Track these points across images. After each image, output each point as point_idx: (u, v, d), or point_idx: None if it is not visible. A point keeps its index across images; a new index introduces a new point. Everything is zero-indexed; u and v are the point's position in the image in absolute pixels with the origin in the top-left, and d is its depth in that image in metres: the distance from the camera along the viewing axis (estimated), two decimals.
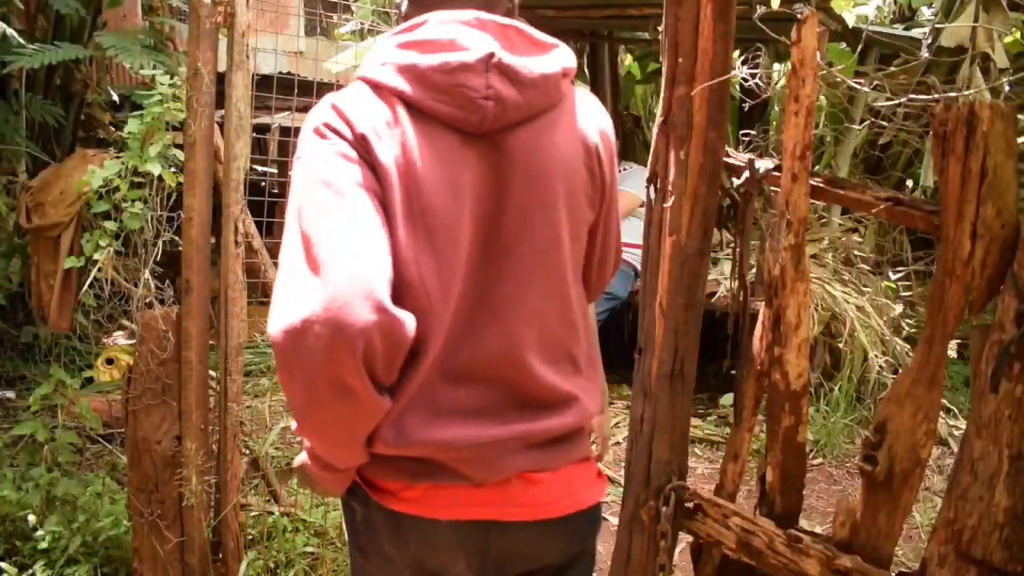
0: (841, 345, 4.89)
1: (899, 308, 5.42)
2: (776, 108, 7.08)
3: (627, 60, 8.15)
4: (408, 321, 1.18)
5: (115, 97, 5.72)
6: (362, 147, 1.24)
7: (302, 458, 1.44)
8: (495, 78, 1.27)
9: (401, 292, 1.23)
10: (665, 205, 1.84)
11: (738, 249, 1.93)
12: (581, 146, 1.38)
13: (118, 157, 2.69)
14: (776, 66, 6.72)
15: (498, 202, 1.31)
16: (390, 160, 1.24)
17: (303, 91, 5.64)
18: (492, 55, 1.26)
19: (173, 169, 2.63)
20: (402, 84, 1.27)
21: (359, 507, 1.42)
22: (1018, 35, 6.04)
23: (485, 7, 1.34)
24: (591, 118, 1.42)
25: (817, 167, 6.44)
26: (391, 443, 1.29)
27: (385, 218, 1.23)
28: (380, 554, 1.42)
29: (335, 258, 1.15)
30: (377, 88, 1.29)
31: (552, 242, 1.35)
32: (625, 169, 5.24)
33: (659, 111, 1.85)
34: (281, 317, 1.15)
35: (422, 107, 1.27)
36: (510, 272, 1.33)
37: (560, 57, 1.36)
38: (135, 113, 2.66)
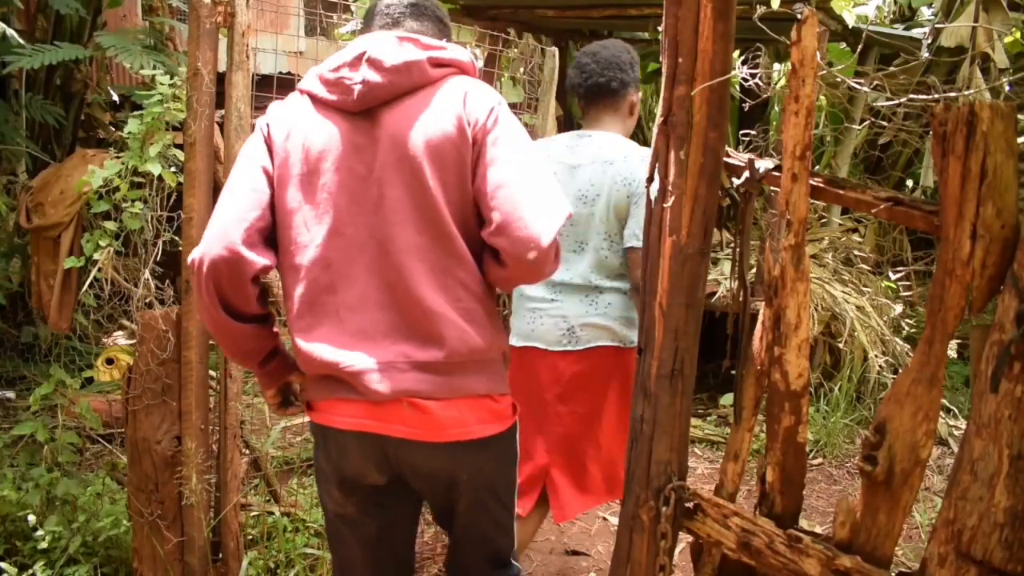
0: (841, 345, 4.89)
1: (899, 308, 5.42)
2: (776, 108, 7.08)
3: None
4: (254, 257, 1.64)
5: (115, 97, 5.72)
6: (266, 133, 1.74)
7: None
8: (365, 69, 1.67)
9: (288, 233, 1.68)
10: (665, 205, 1.84)
11: (738, 249, 1.93)
12: (453, 115, 1.66)
13: (118, 157, 2.69)
14: (776, 66, 6.72)
15: (370, 163, 1.67)
16: (282, 139, 1.71)
17: None
18: (364, 53, 1.69)
19: (173, 169, 2.63)
20: (310, 84, 1.76)
21: (311, 429, 1.80)
22: (1018, 35, 6.04)
23: (418, 34, 1.78)
24: (464, 95, 1.70)
25: (817, 167, 6.44)
26: (305, 363, 1.70)
27: (272, 181, 1.70)
28: (320, 469, 1.79)
29: (215, 213, 1.69)
30: (299, 90, 1.78)
31: (420, 189, 1.64)
32: None
33: (659, 111, 1.85)
34: None
35: (320, 98, 1.72)
36: (386, 213, 1.65)
37: (433, 52, 1.71)
38: (135, 113, 2.66)
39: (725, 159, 1.84)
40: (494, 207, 1.60)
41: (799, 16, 1.61)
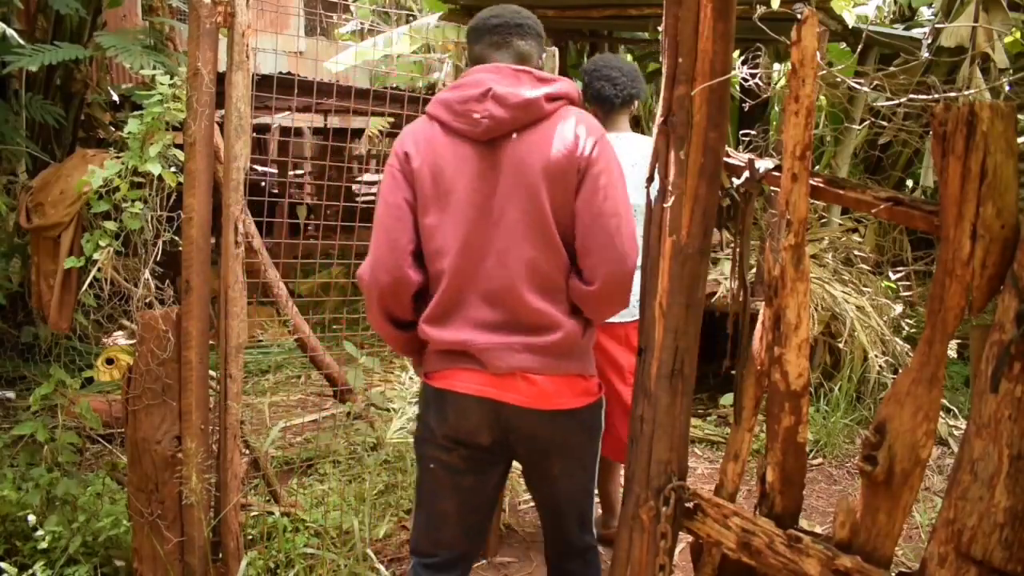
0: (841, 345, 4.89)
1: (899, 308, 5.42)
2: (776, 108, 7.08)
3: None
4: (414, 277, 2.00)
5: (115, 97, 5.72)
6: (404, 160, 2.00)
7: None
8: (490, 104, 1.92)
9: (430, 245, 1.99)
10: (665, 205, 1.84)
11: (738, 249, 1.93)
12: (564, 146, 1.92)
13: (118, 157, 2.69)
14: (776, 66, 6.72)
15: (494, 185, 1.95)
16: (422, 164, 1.98)
17: (303, 91, 5.64)
18: (489, 89, 1.93)
19: (173, 169, 2.63)
20: (438, 112, 2.00)
21: (422, 394, 2.13)
22: (1018, 35, 6.04)
23: (515, 61, 2.04)
24: (574, 127, 1.95)
25: (817, 167, 6.44)
26: (436, 340, 2.01)
27: (415, 203, 1.99)
28: (427, 428, 2.09)
29: (377, 242, 2.01)
30: (428, 116, 2.04)
31: (535, 210, 1.93)
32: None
33: (659, 111, 1.85)
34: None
35: (449, 126, 1.97)
36: (505, 230, 1.95)
37: (548, 88, 1.96)
38: (135, 113, 2.66)
39: (725, 159, 1.84)
40: (590, 233, 1.91)
41: (799, 16, 1.61)
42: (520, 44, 2.06)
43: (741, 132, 2.44)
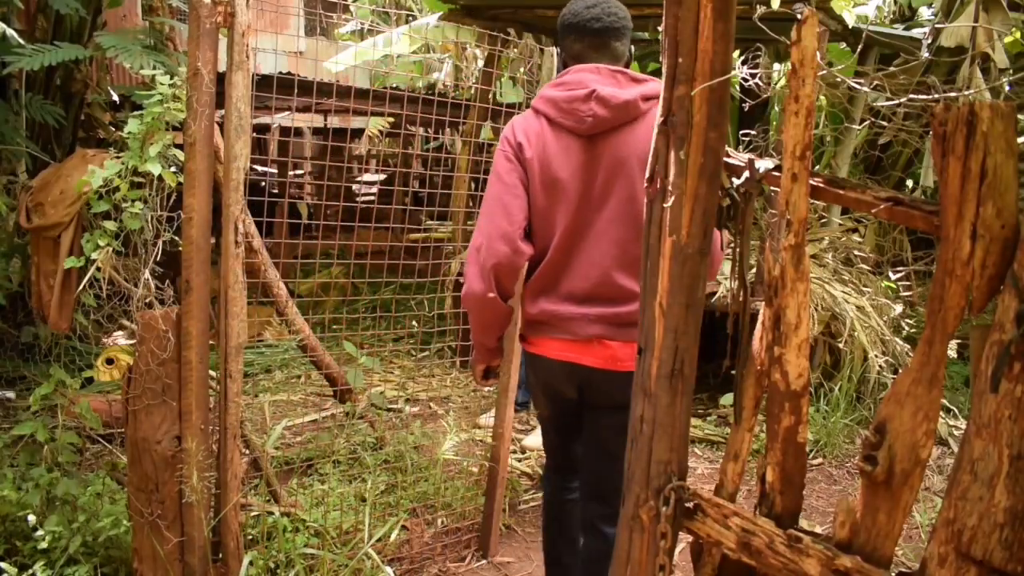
0: (841, 345, 4.89)
1: (899, 308, 5.43)
2: (776, 108, 7.08)
3: None
4: (525, 249, 2.26)
5: (115, 97, 5.72)
6: (518, 149, 2.27)
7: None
8: (594, 104, 2.19)
9: (537, 225, 2.29)
10: (665, 205, 1.84)
11: (738, 249, 1.93)
12: (648, 142, 2.07)
13: (118, 157, 2.69)
14: (776, 66, 6.72)
15: (594, 175, 2.23)
16: (533, 155, 2.26)
17: (303, 91, 5.64)
18: (593, 91, 2.19)
19: (173, 169, 2.63)
20: (546, 108, 2.27)
21: (523, 353, 2.53)
22: (1018, 35, 6.04)
23: (611, 61, 2.28)
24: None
25: (817, 167, 6.44)
26: (532, 311, 2.35)
27: (527, 188, 2.26)
28: (531, 384, 2.53)
29: (491, 217, 2.25)
30: (535, 111, 2.31)
31: (630, 199, 2.21)
32: None
33: (659, 111, 1.85)
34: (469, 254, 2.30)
35: (556, 121, 2.25)
36: (602, 216, 2.23)
37: (642, 89, 2.20)
38: (135, 113, 2.66)
39: (725, 159, 1.84)
40: None
41: (799, 16, 1.61)
42: (617, 46, 2.31)
43: (741, 132, 2.44)
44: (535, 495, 3.97)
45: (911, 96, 1.77)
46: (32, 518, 2.81)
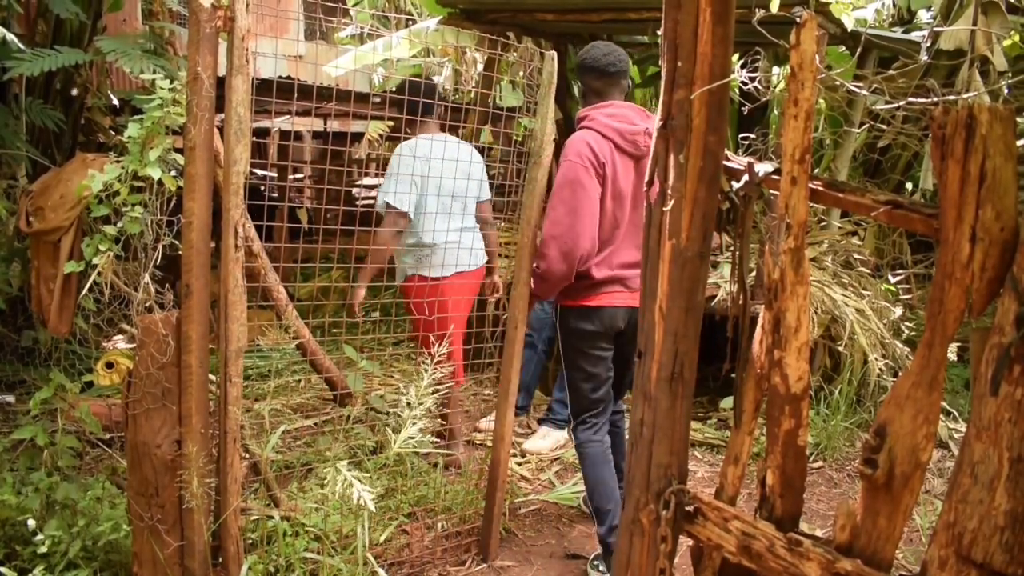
0: (841, 348, 4.89)
1: (899, 311, 5.42)
2: (775, 111, 7.08)
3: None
4: (588, 252, 3.03)
5: (115, 101, 5.73)
6: (600, 166, 3.02)
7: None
8: (644, 136, 3.03)
9: (605, 226, 3.08)
10: (665, 208, 1.84)
11: (738, 252, 1.93)
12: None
13: (118, 161, 2.69)
14: (775, 69, 6.73)
15: (639, 186, 3.09)
16: (608, 171, 3.03)
17: (303, 95, 5.64)
18: (647, 128, 3.02)
19: (173, 173, 2.63)
20: (613, 135, 3.05)
21: (574, 312, 3.20)
22: (1017, 38, 6.05)
23: (621, 93, 3.18)
24: None
25: (816, 170, 6.44)
26: (600, 276, 3.12)
27: (601, 197, 3.03)
28: (588, 334, 3.18)
29: (583, 217, 3.00)
30: (603, 136, 3.05)
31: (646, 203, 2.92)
32: None
33: (658, 115, 1.86)
34: (548, 238, 3.05)
35: (620, 146, 3.06)
36: (639, 214, 3.04)
37: (652, 121, 2.99)
38: (135, 117, 2.66)
39: (724, 162, 1.84)
40: None
41: (798, 20, 1.61)
42: (624, 83, 3.19)
43: (740, 136, 2.45)
44: (535, 498, 3.97)
45: (910, 99, 1.78)
46: (32, 522, 2.81)
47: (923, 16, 6.91)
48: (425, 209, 3.80)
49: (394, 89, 3.96)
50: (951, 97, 1.61)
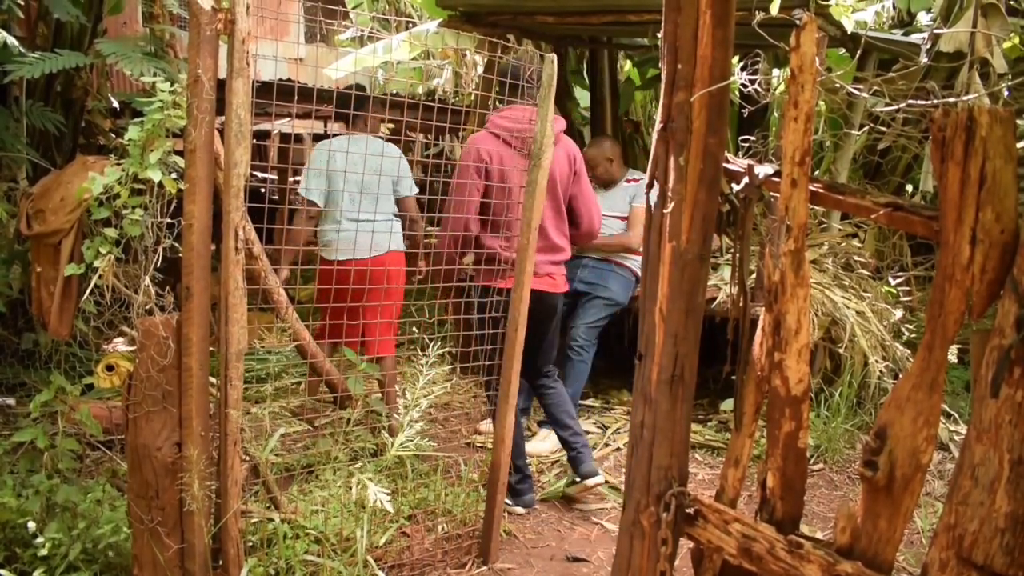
0: (841, 350, 4.89)
1: (899, 313, 5.42)
2: (775, 114, 7.09)
3: (626, 66, 8.17)
4: (467, 234, 3.58)
5: (115, 104, 5.73)
6: (482, 163, 3.49)
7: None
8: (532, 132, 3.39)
9: (496, 209, 3.50)
10: (665, 211, 1.84)
11: (738, 254, 1.93)
12: (566, 157, 3.70)
13: (119, 164, 2.69)
14: (775, 71, 6.73)
15: (553, 180, 3.60)
16: (493, 164, 3.50)
17: (303, 98, 5.64)
18: (533, 123, 3.27)
19: (173, 176, 2.63)
20: (502, 133, 3.55)
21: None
22: (1016, 40, 6.05)
23: (534, 106, 3.35)
24: (569, 146, 3.76)
25: (816, 172, 6.44)
26: (505, 255, 3.57)
27: (485, 184, 3.52)
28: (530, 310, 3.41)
29: (456, 213, 3.55)
30: (493, 135, 3.57)
31: (555, 195, 3.68)
32: (640, 179, 5.25)
33: (658, 117, 1.86)
34: (444, 224, 3.68)
35: (507, 141, 3.54)
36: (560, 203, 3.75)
37: (558, 124, 3.45)
38: (136, 120, 2.66)
39: (724, 165, 1.84)
40: (578, 210, 3.86)
41: (798, 22, 1.61)
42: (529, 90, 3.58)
43: (740, 138, 2.45)
44: (535, 498, 3.97)
45: (910, 101, 1.78)
46: (32, 525, 2.81)
47: (923, 18, 6.91)
48: (335, 200, 4.22)
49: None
50: (951, 99, 1.62)
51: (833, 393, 4.94)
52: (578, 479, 3.89)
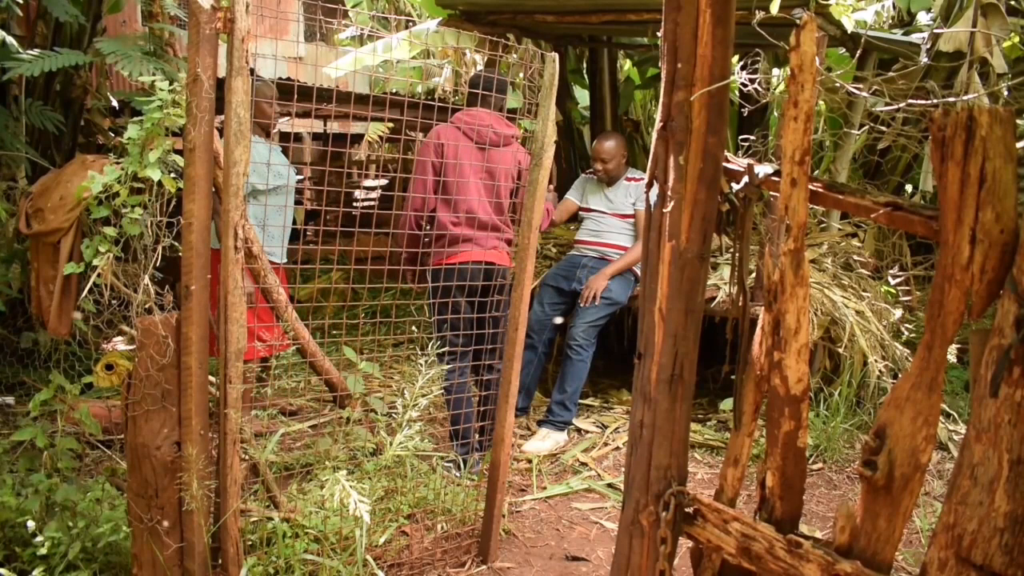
0: (841, 350, 4.89)
1: (898, 313, 5.42)
2: (775, 113, 7.09)
3: (626, 65, 8.17)
4: (420, 207, 4.01)
5: (115, 103, 5.73)
6: (439, 145, 3.94)
7: None
8: (489, 131, 3.98)
9: (448, 187, 3.97)
10: (665, 210, 1.84)
11: (737, 254, 1.93)
12: (512, 158, 4.10)
13: (118, 163, 2.69)
14: (775, 71, 6.73)
15: (483, 169, 4.01)
16: (447, 149, 3.92)
17: (303, 96, 5.64)
18: (491, 125, 3.99)
19: (173, 175, 2.63)
20: (461, 125, 4.00)
21: (438, 275, 4.05)
22: (1016, 40, 6.05)
23: (497, 110, 4.07)
24: (519, 152, 4.15)
25: (816, 172, 6.44)
26: (454, 231, 3.99)
27: (444, 165, 3.93)
28: (447, 288, 3.97)
29: (413, 191, 4.04)
30: (453, 125, 4.01)
31: (498, 187, 4.08)
32: (641, 179, 5.25)
33: (658, 116, 1.86)
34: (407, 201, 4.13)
35: (465, 132, 4.00)
36: (489, 191, 4.05)
37: (511, 130, 4.10)
38: (135, 119, 2.66)
39: (724, 164, 1.84)
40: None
41: (798, 21, 1.61)
42: (492, 100, 4.01)
43: (740, 137, 2.45)
44: (535, 498, 3.97)
45: (910, 101, 1.78)
46: (31, 524, 2.80)
47: (923, 18, 6.91)
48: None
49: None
50: (951, 99, 1.61)
51: (832, 393, 4.94)
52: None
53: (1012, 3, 5.96)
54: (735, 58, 5.11)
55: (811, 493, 4.23)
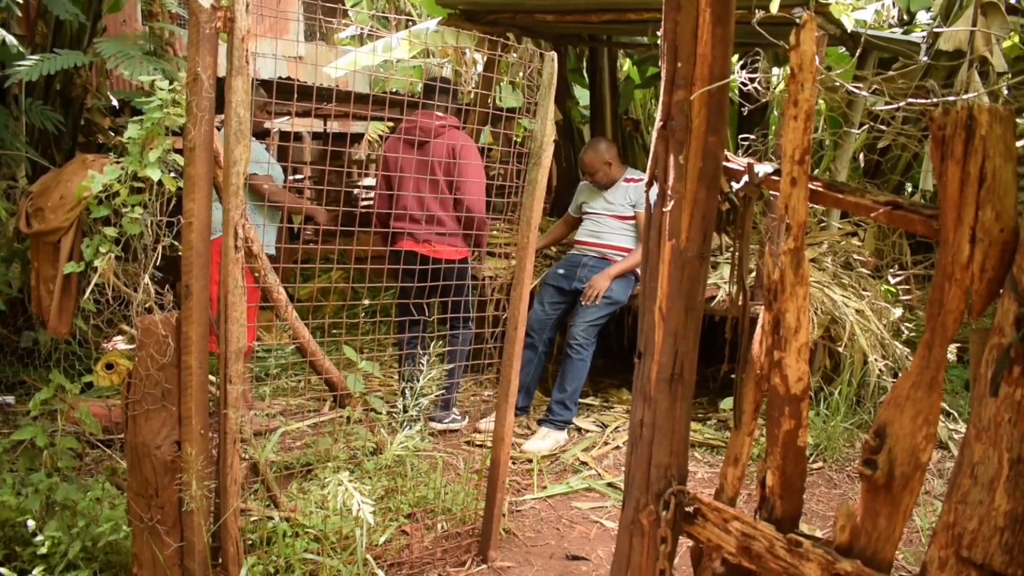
0: (841, 349, 4.89)
1: (898, 312, 5.42)
2: (775, 112, 7.09)
3: (626, 64, 8.17)
4: (380, 204, 4.78)
5: (115, 102, 5.73)
6: (384, 157, 4.79)
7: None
8: (416, 129, 4.43)
9: (392, 185, 4.57)
10: (664, 209, 1.84)
11: (737, 253, 1.93)
12: (447, 150, 4.45)
13: (118, 162, 2.69)
14: (775, 70, 6.73)
15: (422, 163, 4.42)
16: (391, 156, 4.64)
17: (303, 96, 5.64)
18: (423, 124, 4.41)
19: (173, 174, 2.63)
20: (403, 134, 4.57)
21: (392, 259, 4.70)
22: (1016, 39, 6.05)
23: (443, 112, 4.56)
24: (455, 139, 4.50)
25: (816, 171, 6.44)
26: (395, 225, 4.68)
27: (389, 172, 4.61)
28: (395, 271, 4.65)
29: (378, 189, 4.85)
30: (397, 136, 4.70)
31: (435, 178, 4.48)
32: (640, 179, 5.24)
33: (658, 115, 1.86)
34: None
35: (407, 140, 4.51)
36: (428, 186, 4.50)
37: (439, 121, 4.49)
38: (135, 118, 2.66)
39: (724, 163, 1.84)
40: (460, 197, 4.52)
41: (798, 20, 1.61)
42: (442, 100, 4.50)
43: (740, 136, 2.45)
44: (535, 497, 3.97)
45: (910, 100, 1.78)
46: (31, 523, 2.80)
47: (923, 17, 6.91)
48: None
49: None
50: (951, 98, 1.61)
51: (832, 392, 4.94)
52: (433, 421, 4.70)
53: (1012, 2, 5.96)
54: (735, 57, 5.11)
55: (811, 492, 4.23)
